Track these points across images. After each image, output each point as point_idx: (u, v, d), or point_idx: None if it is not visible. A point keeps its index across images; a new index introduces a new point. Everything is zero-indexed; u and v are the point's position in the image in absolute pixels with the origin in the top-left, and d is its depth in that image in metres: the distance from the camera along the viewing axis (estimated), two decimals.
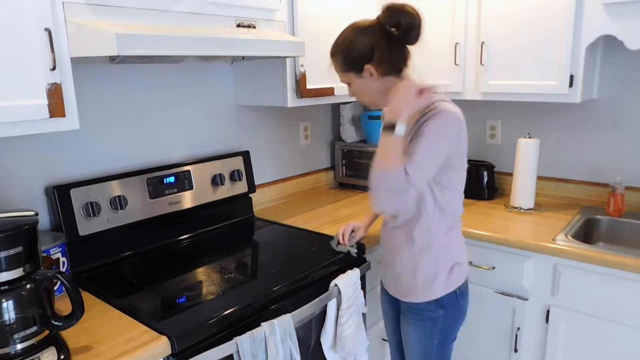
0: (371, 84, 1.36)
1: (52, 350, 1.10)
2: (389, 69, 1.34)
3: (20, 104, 1.16)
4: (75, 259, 1.56)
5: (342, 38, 1.36)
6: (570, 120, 2.22)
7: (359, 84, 1.38)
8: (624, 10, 1.71)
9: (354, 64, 1.34)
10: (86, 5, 1.27)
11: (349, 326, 1.46)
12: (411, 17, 1.28)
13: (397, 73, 1.36)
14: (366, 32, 1.32)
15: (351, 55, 1.33)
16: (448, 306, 1.45)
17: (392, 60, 1.33)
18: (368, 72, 1.33)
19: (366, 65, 1.32)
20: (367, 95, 1.40)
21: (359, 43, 1.32)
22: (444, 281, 1.43)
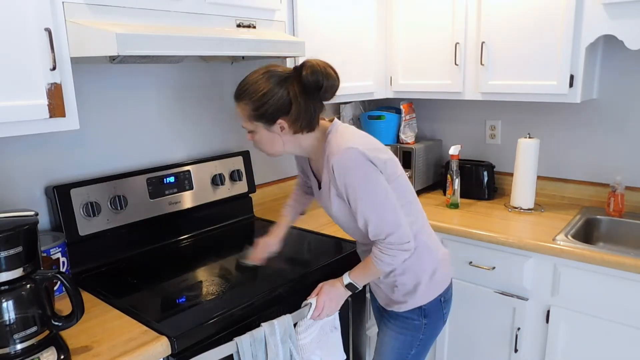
0: (278, 137, 1.29)
1: (52, 350, 1.10)
2: (303, 126, 1.27)
3: (21, 104, 1.16)
4: (75, 259, 1.56)
5: (254, 85, 1.24)
6: (570, 120, 2.22)
7: (266, 136, 1.29)
8: (624, 10, 1.71)
9: (265, 116, 1.25)
10: (86, 5, 1.27)
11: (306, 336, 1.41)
12: (333, 79, 1.24)
13: (308, 131, 1.30)
14: (284, 84, 1.23)
15: (265, 106, 1.23)
16: (432, 314, 1.43)
17: (307, 117, 1.26)
18: (279, 125, 1.26)
19: (279, 119, 1.25)
20: (272, 146, 1.32)
21: (276, 95, 1.22)
22: (426, 288, 1.41)
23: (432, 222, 2.04)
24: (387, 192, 1.26)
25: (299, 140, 1.32)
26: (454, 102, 2.57)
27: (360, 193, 1.24)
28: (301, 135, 1.31)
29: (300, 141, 1.32)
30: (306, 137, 1.32)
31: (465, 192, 2.35)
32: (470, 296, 2.00)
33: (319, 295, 1.39)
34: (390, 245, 1.27)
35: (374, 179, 1.24)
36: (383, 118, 2.47)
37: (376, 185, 1.24)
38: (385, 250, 1.28)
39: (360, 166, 1.23)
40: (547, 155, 2.30)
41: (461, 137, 2.59)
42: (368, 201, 1.24)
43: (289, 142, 1.32)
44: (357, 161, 1.23)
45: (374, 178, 1.24)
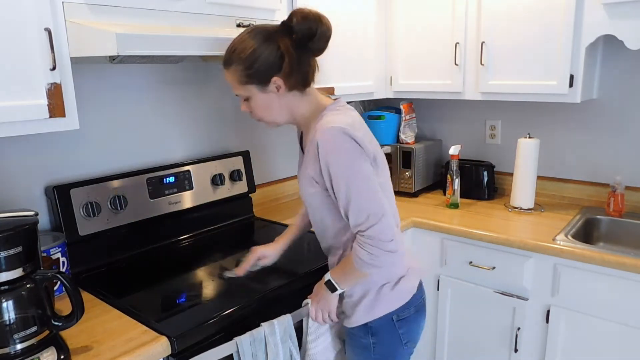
0: (275, 99, 1.22)
1: (52, 350, 1.10)
2: (298, 82, 1.21)
3: (21, 104, 1.16)
4: (75, 259, 1.56)
5: (241, 44, 1.18)
6: (570, 120, 2.22)
7: (262, 99, 1.22)
8: (623, 10, 1.71)
9: (258, 76, 1.18)
10: (86, 5, 1.27)
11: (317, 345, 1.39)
12: (326, 26, 1.17)
13: (304, 88, 1.24)
14: (273, 39, 1.16)
15: (255, 65, 1.16)
16: (381, 334, 1.30)
17: (302, 72, 1.20)
18: (275, 85, 1.19)
19: (273, 77, 1.18)
20: (269, 111, 1.25)
21: (265, 51, 1.16)
22: (371, 304, 1.28)
23: (432, 222, 2.04)
24: (371, 178, 1.17)
25: (295, 105, 1.25)
26: (454, 102, 2.57)
27: (342, 174, 1.15)
28: (298, 99, 1.24)
29: (295, 106, 1.25)
30: (302, 103, 1.25)
31: (465, 192, 2.35)
32: (470, 296, 2.00)
33: (312, 295, 1.38)
34: (370, 241, 1.15)
35: (359, 161, 1.16)
36: (383, 118, 2.47)
37: (361, 167, 1.16)
38: (365, 246, 1.16)
39: (346, 146, 1.15)
40: (547, 155, 2.30)
41: (461, 137, 2.59)
42: (350, 184, 1.15)
43: (286, 105, 1.24)
44: (343, 140, 1.15)
45: (359, 160, 1.16)
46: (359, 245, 1.18)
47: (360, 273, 1.22)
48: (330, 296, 1.31)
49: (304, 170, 1.27)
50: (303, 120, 1.29)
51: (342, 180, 1.16)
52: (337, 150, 1.15)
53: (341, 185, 1.16)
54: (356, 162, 1.16)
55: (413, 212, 2.19)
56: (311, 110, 1.27)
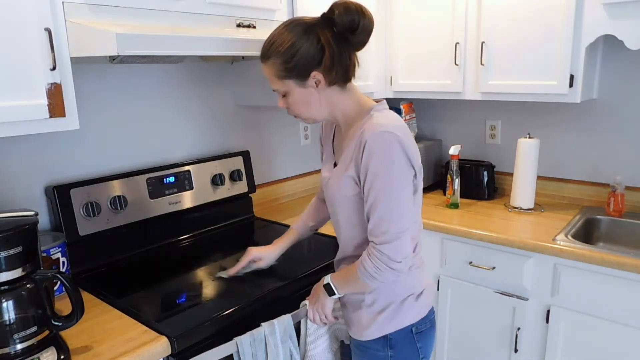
0: (315, 94, 1.16)
1: (52, 350, 1.10)
2: (339, 77, 1.15)
3: (21, 104, 1.16)
4: (75, 259, 1.56)
5: (280, 37, 1.13)
6: (570, 120, 2.22)
7: (300, 94, 1.16)
8: (624, 10, 1.71)
9: (297, 70, 1.12)
10: (86, 5, 1.27)
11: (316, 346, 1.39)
12: (368, 18, 1.12)
13: (345, 83, 1.18)
14: (312, 31, 1.11)
15: (295, 58, 1.11)
16: (399, 346, 1.25)
17: (343, 66, 1.14)
18: (314, 79, 1.14)
19: (313, 71, 1.13)
20: (308, 108, 1.19)
21: (305, 44, 1.10)
22: (393, 315, 1.23)
23: (432, 222, 2.04)
24: (404, 197, 1.13)
25: (335, 101, 1.19)
26: (454, 102, 2.57)
27: (380, 180, 1.10)
28: (338, 94, 1.18)
29: (336, 102, 1.19)
30: (343, 99, 1.19)
31: (465, 192, 2.35)
32: (470, 296, 2.00)
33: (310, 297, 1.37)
34: (380, 255, 1.12)
35: (401, 173, 1.11)
36: None
37: (400, 180, 1.11)
38: (373, 258, 1.13)
39: (394, 155, 1.09)
40: (547, 155, 2.30)
41: (461, 137, 2.59)
42: (384, 192, 1.10)
43: (326, 101, 1.18)
44: (393, 149, 1.09)
45: (401, 173, 1.11)
46: (367, 255, 1.15)
47: (361, 283, 1.19)
48: (326, 299, 1.30)
49: (341, 171, 1.20)
50: (344, 117, 1.23)
51: (375, 188, 1.12)
52: (384, 157, 1.10)
53: (372, 191, 1.12)
54: (397, 176, 1.11)
55: None
56: (354, 107, 1.21)
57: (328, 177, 1.28)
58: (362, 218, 1.20)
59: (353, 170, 1.16)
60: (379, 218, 1.12)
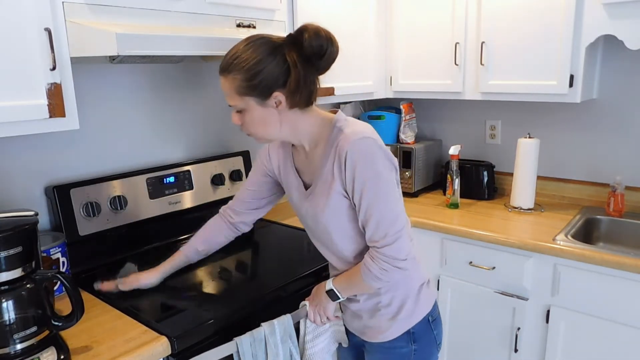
0: (274, 115, 1.13)
1: (52, 350, 1.10)
2: (302, 100, 1.12)
3: (21, 104, 1.16)
4: (75, 259, 1.55)
5: (245, 53, 1.08)
6: (570, 120, 2.22)
7: (260, 113, 1.12)
8: (623, 10, 1.71)
9: (259, 88, 1.09)
10: (86, 5, 1.27)
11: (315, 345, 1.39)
12: (335, 46, 1.10)
13: (306, 106, 1.16)
14: (279, 51, 1.08)
15: (259, 76, 1.07)
16: (421, 338, 1.27)
17: (307, 90, 1.11)
18: (275, 100, 1.10)
19: (275, 92, 1.09)
20: (264, 127, 1.15)
21: (271, 63, 1.07)
22: (413, 308, 1.25)
23: (432, 222, 2.04)
24: (396, 194, 1.15)
25: (296, 122, 1.16)
26: (454, 102, 2.57)
27: (369, 187, 1.11)
28: (299, 115, 1.15)
29: (297, 122, 1.16)
30: (304, 119, 1.17)
31: (465, 192, 2.35)
32: (470, 296, 2.00)
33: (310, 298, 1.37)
34: (384, 257, 1.12)
35: (387, 175, 1.12)
36: (383, 118, 2.47)
37: (388, 182, 1.12)
38: (377, 261, 1.13)
39: (377, 159, 1.10)
40: (547, 155, 2.30)
41: (461, 137, 2.59)
42: (375, 197, 1.11)
43: (286, 122, 1.15)
44: (375, 153, 1.11)
45: (387, 174, 1.12)
46: (371, 258, 1.15)
47: (366, 285, 1.19)
48: (329, 303, 1.31)
49: (324, 190, 1.18)
50: (309, 137, 1.20)
51: (366, 195, 1.12)
52: (368, 163, 1.10)
53: (363, 198, 1.12)
54: (384, 175, 1.12)
55: (413, 212, 2.19)
56: (318, 124, 1.19)
57: (307, 202, 1.25)
58: (358, 227, 1.20)
59: (339, 185, 1.15)
60: (376, 223, 1.13)
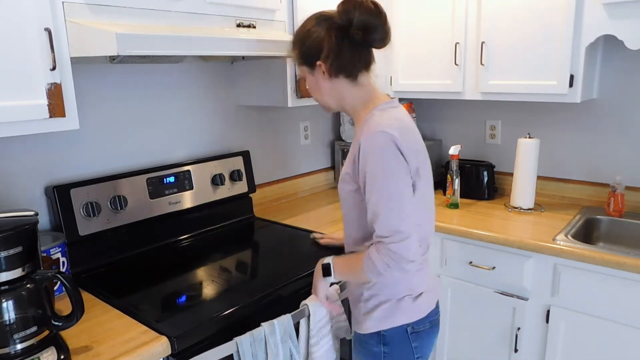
0: (323, 82, 1.21)
1: (52, 350, 1.10)
2: (340, 70, 1.17)
3: (21, 104, 1.16)
4: (75, 259, 1.56)
5: (301, 26, 1.21)
6: (570, 120, 2.22)
7: (311, 81, 1.23)
8: (623, 10, 1.71)
9: (306, 58, 1.20)
10: (86, 5, 1.27)
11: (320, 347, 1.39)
12: (369, 14, 1.11)
13: (350, 77, 1.19)
14: (323, 22, 1.16)
15: (304, 47, 1.19)
16: (393, 344, 1.25)
17: (342, 60, 1.16)
18: (320, 69, 1.18)
19: (318, 61, 1.17)
20: (319, 95, 1.24)
21: (314, 34, 1.16)
22: (389, 313, 1.24)
23: None
24: (405, 195, 1.12)
25: (341, 92, 1.21)
26: (454, 102, 2.57)
27: (378, 183, 1.10)
28: (346, 86, 1.20)
29: (342, 93, 1.21)
30: (351, 92, 1.21)
31: (465, 192, 2.34)
32: (470, 296, 2.00)
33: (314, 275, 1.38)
34: (391, 254, 1.10)
35: (397, 172, 1.11)
36: None
37: (398, 180, 1.11)
38: (383, 255, 1.11)
39: (388, 155, 1.10)
40: (547, 155, 2.30)
41: (461, 137, 2.59)
42: (382, 197, 1.10)
43: (334, 90, 1.21)
44: (388, 148, 1.10)
45: (398, 171, 1.11)
46: (376, 250, 1.13)
47: (363, 276, 1.18)
48: (320, 280, 1.32)
49: (344, 166, 1.24)
50: (352, 110, 1.25)
51: (375, 191, 1.11)
52: (379, 158, 1.11)
53: (373, 194, 1.12)
54: (396, 177, 1.11)
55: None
56: (361, 102, 1.22)
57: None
58: (360, 216, 1.22)
59: (350, 168, 1.20)
60: (382, 225, 1.11)
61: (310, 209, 2.27)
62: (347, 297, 1.47)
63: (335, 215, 2.16)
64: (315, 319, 1.40)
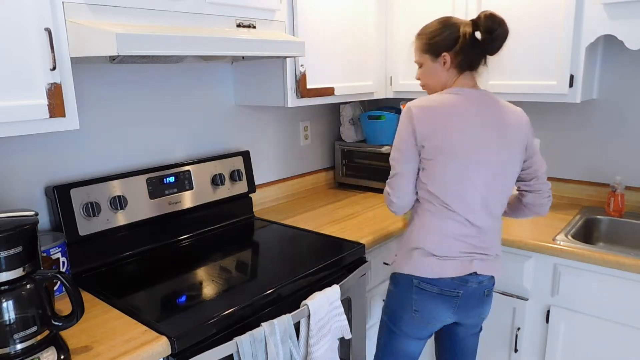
0: (440, 70, 1.45)
1: (52, 350, 1.10)
2: (462, 64, 1.42)
3: (21, 104, 1.16)
4: (75, 259, 1.56)
5: (433, 23, 1.47)
6: (570, 120, 2.22)
7: (430, 67, 1.46)
8: (624, 10, 1.71)
9: (433, 48, 1.44)
10: (86, 5, 1.27)
11: (320, 347, 1.42)
12: (505, 31, 1.37)
13: (464, 70, 1.43)
14: (457, 25, 1.42)
15: (435, 39, 1.43)
16: (399, 287, 1.47)
17: (469, 57, 1.41)
18: (443, 59, 1.43)
19: (444, 52, 1.42)
20: (432, 80, 1.49)
21: (447, 31, 1.42)
22: (402, 259, 1.47)
23: None
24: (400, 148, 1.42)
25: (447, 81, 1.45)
26: None
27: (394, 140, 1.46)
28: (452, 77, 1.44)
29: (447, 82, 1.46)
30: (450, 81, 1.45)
31: None
32: None
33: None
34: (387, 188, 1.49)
35: (403, 133, 1.41)
36: (383, 118, 2.47)
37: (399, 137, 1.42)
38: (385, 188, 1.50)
39: (403, 119, 1.42)
40: (547, 155, 2.30)
41: None
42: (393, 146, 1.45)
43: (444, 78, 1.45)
44: (403, 117, 1.42)
45: (404, 133, 1.41)
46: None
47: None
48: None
49: None
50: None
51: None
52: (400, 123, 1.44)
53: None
54: (400, 132, 1.42)
55: None
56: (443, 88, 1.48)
57: None
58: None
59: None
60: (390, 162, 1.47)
61: (310, 209, 2.27)
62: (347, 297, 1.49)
63: (336, 215, 2.16)
64: (315, 319, 1.40)
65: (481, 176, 1.38)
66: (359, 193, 2.54)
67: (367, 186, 2.55)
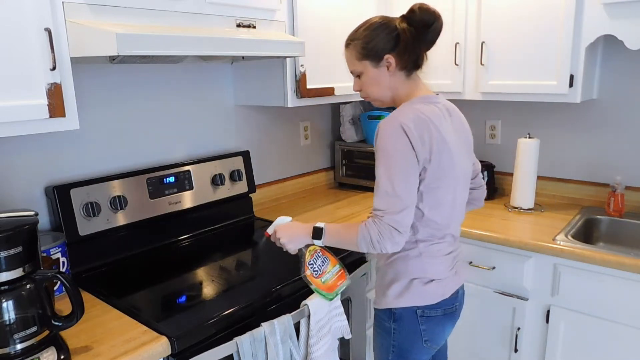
0: (385, 76, 1.31)
1: (52, 350, 1.10)
2: (408, 63, 1.30)
3: (21, 104, 1.16)
4: (75, 259, 1.56)
5: (364, 26, 1.32)
6: (570, 120, 2.22)
7: (373, 74, 1.32)
8: (624, 10, 1.71)
9: (373, 52, 1.30)
10: (86, 5, 1.27)
11: (319, 347, 1.41)
12: (441, 24, 1.30)
13: (411, 71, 1.32)
14: (391, 23, 1.30)
15: (373, 42, 1.29)
16: (403, 322, 1.34)
17: (414, 54, 1.29)
18: (387, 62, 1.29)
19: (387, 54, 1.29)
20: (377, 87, 1.34)
21: (384, 32, 1.28)
22: (399, 292, 1.33)
23: None
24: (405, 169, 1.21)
25: (398, 85, 1.32)
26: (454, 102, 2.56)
27: (379, 159, 1.23)
28: (402, 81, 1.32)
29: (398, 86, 1.33)
30: (405, 85, 1.33)
31: None
32: (470, 296, 1.99)
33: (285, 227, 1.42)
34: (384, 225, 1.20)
35: (402, 154, 1.20)
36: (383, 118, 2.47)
37: (398, 161, 1.20)
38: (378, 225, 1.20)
39: (393, 135, 1.21)
40: (547, 155, 2.30)
41: None
42: (381, 169, 1.22)
43: (393, 84, 1.32)
44: (395, 130, 1.21)
45: (402, 153, 1.20)
46: (373, 221, 1.22)
47: (356, 243, 1.26)
48: (304, 237, 1.37)
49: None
50: (400, 103, 1.34)
51: (378, 165, 1.24)
52: (385, 136, 1.22)
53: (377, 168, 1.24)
54: (395, 156, 1.21)
55: None
56: (407, 94, 1.33)
57: None
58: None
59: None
60: (380, 193, 1.22)
61: (310, 209, 2.27)
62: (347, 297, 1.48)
63: (336, 215, 2.16)
64: (315, 319, 1.40)
65: (459, 187, 1.34)
66: (359, 193, 2.54)
67: (367, 186, 2.55)
